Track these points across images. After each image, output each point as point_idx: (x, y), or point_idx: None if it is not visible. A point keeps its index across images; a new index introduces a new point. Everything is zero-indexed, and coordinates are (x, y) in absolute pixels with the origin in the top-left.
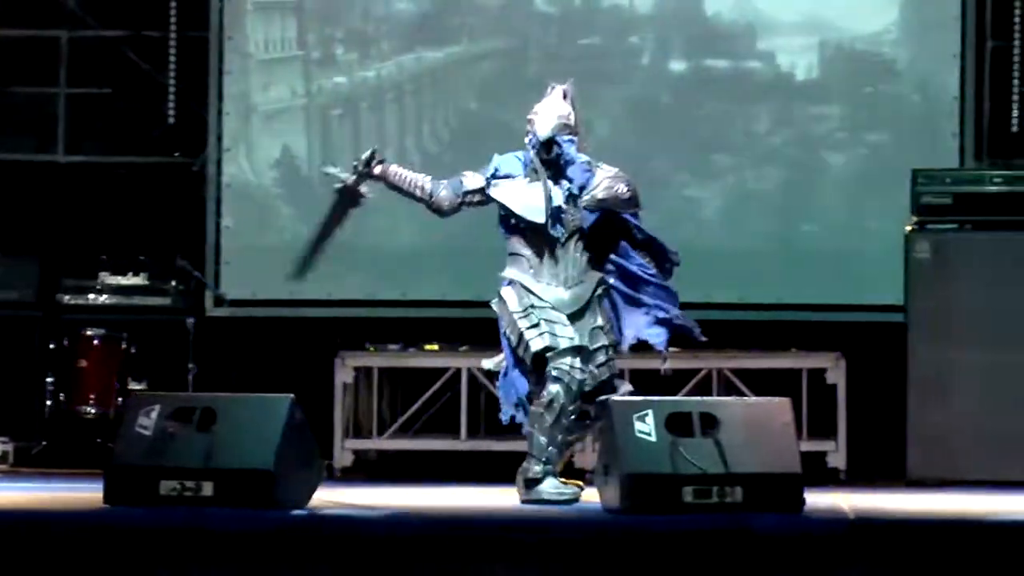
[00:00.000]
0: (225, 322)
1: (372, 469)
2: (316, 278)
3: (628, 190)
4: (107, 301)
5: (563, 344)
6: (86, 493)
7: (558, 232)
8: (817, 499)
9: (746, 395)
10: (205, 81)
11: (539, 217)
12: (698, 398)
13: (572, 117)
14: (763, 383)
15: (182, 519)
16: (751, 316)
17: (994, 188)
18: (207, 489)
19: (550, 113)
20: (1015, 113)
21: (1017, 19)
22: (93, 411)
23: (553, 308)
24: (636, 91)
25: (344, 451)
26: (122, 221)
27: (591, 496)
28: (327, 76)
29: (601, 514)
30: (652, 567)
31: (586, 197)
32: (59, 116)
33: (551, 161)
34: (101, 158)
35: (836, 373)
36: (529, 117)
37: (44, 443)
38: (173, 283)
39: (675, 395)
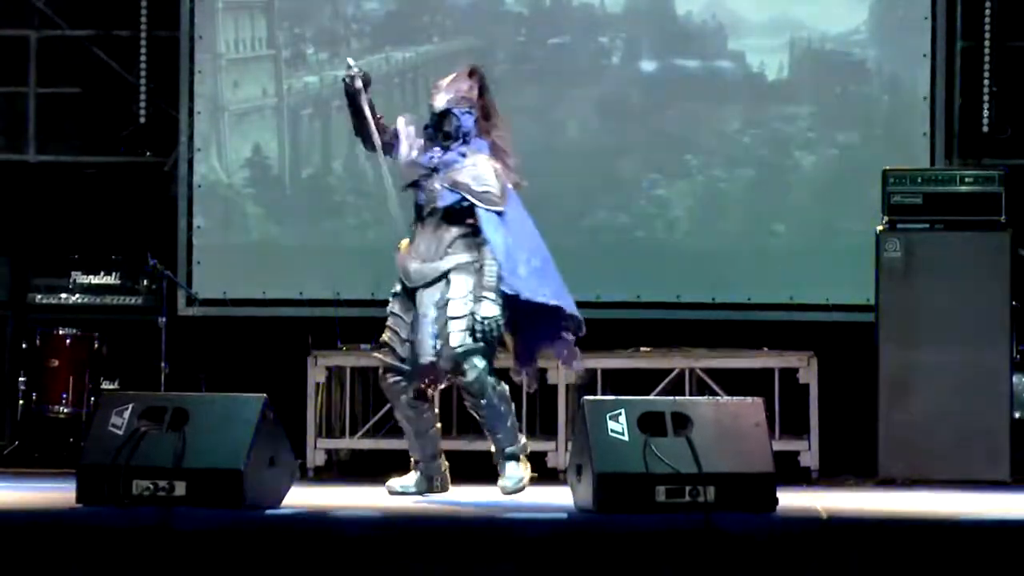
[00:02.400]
0: (197, 321)
1: (345, 469)
2: (288, 278)
3: (487, 186)
4: (79, 300)
5: (389, 359)
6: (58, 493)
7: (421, 200)
8: (790, 498)
9: (719, 395)
10: (175, 81)
11: (406, 181)
12: (671, 398)
13: (473, 92)
14: (735, 383)
15: (154, 519)
16: (723, 316)
17: (964, 188)
18: (180, 489)
19: (449, 87)
20: (985, 113)
21: (988, 19)
22: (65, 411)
23: (398, 310)
24: (606, 91)
25: (317, 451)
26: (93, 220)
27: (565, 495)
28: (297, 76)
29: (574, 513)
30: (625, 566)
31: (446, 174)
32: (29, 115)
33: (448, 133)
34: (71, 158)
35: (808, 373)
36: (431, 90)
37: (16, 443)
38: (145, 282)
39: (648, 394)
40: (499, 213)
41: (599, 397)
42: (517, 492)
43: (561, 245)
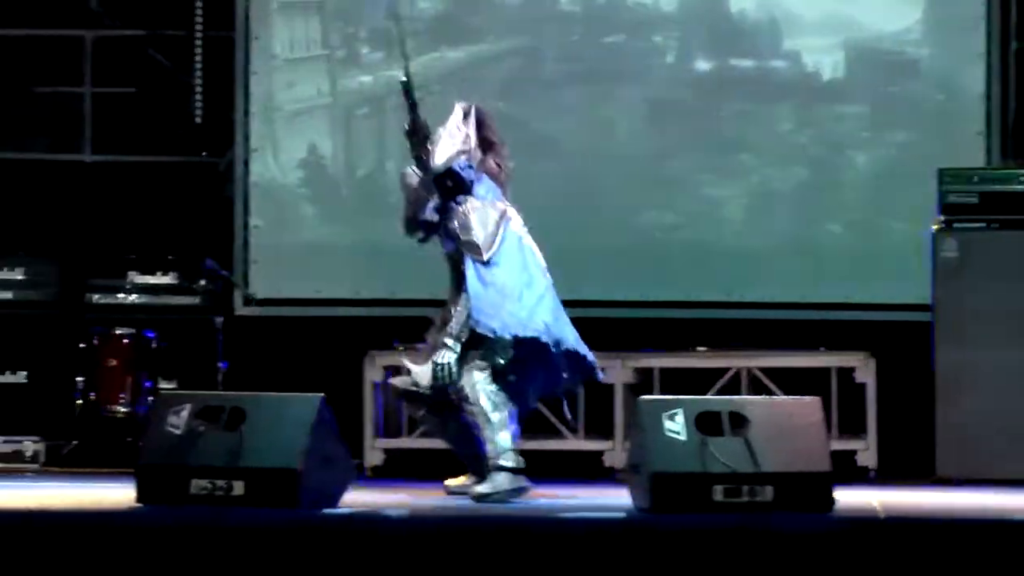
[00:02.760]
0: (254, 321)
1: (402, 468)
2: (344, 277)
3: (469, 235)
4: (136, 301)
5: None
6: (117, 493)
7: (416, 239)
8: (847, 498)
9: (776, 394)
10: (230, 81)
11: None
12: (728, 397)
13: (470, 139)
14: (792, 382)
15: (212, 518)
16: (779, 315)
17: (1021, 187)
18: (237, 488)
19: (447, 141)
20: None
21: None
22: (122, 410)
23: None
24: (659, 90)
25: (374, 450)
26: (149, 220)
27: (622, 495)
28: (352, 75)
29: (631, 513)
30: (681, 566)
31: (446, 223)
32: (85, 115)
33: (451, 190)
34: (127, 157)
35: (865, 372)
36: (429, 145)
37: (75, 443)
38: (201, 282)
39: (704, 394)
40: (485, 262)
41: (656, 397)
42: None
43: (615, 245)
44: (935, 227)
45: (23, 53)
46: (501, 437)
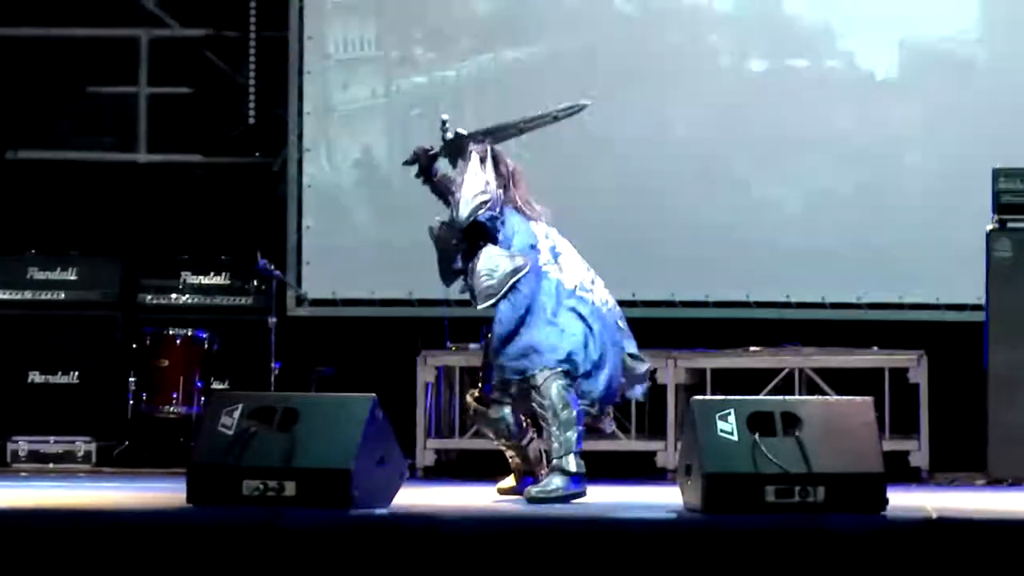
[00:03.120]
0: (307, 322)
1: (454, 468)
2: (397, 278)
3: (482, 280)
4: (189, 301)
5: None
6: (169, 493)
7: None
8: (899, 498)
9: (828, 394)
10: (284, 81)
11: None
12: (780, 397)
13: (491, 185)
14: (845, 382)
15: (264, 518)
16: (832, 315)
17: None
18: (289, 489)
19: (467, 191)
20: None
21: None
22: (175, 411)
23: None
24: (715, 91)
25: (426, 450)
26: (202, 221)
27: (673, 495)
28: (406, 76)
29: (683, 513)
30: (734, 567)
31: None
32: (139, 116)
33: (478, 242)
34: (181, 158)
35: (918, 372)
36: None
37: (126, 443)
38: (254, 283)
39: (757, 394)
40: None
41: (708, 397)
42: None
43: (670, 245)
44: (989, 227)
45: (78, 53)
46: (568, 437)
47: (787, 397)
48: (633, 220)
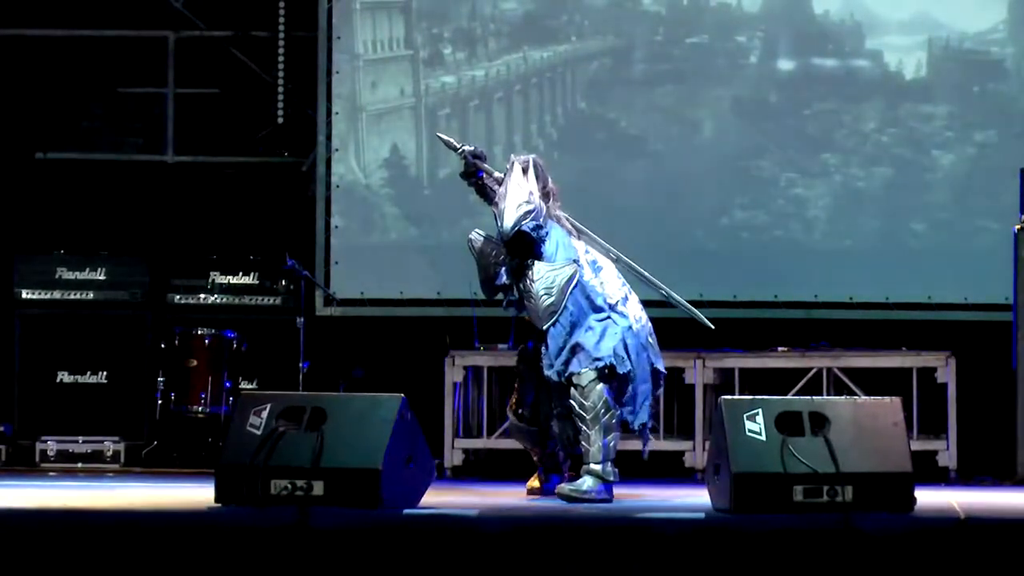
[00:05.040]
0: (335, 321)
1: (482, 468)
2: (425, 278)
3: (538, 303)
4: (217, 301)
5: None
6: (197, 492)
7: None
8: (928, 498)
9: (856, 394)
10: (313, 81)
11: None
12: (808, 397)
13: (534, 195)
14: (873, 382)
15: (292, 518)
16: (860, 315)
17: None
18: (317, 488)
19: (512, 201)
20: None
21: None
22: (203, 411)
23: None
24: (743, 90)
25: (454, 450)
26: (231, 221)
27: (702, 495)
28: (435, 76)
29: (711, 513)
30: (762, 566)
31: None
32: (167, 116)
33: (523, 255)
34: (210, 158)
35: (946, 372)
36: (496, 199)
37: (155, 443)
38: (283, 283)
39: (785, 394)
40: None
41: (736, 397)
42: (570, 500)
43: (698, 244)
44: (1017, 227)
45: (107, 55)
46: (606, 443)
47: (815, 397)
48: (662, 219)
